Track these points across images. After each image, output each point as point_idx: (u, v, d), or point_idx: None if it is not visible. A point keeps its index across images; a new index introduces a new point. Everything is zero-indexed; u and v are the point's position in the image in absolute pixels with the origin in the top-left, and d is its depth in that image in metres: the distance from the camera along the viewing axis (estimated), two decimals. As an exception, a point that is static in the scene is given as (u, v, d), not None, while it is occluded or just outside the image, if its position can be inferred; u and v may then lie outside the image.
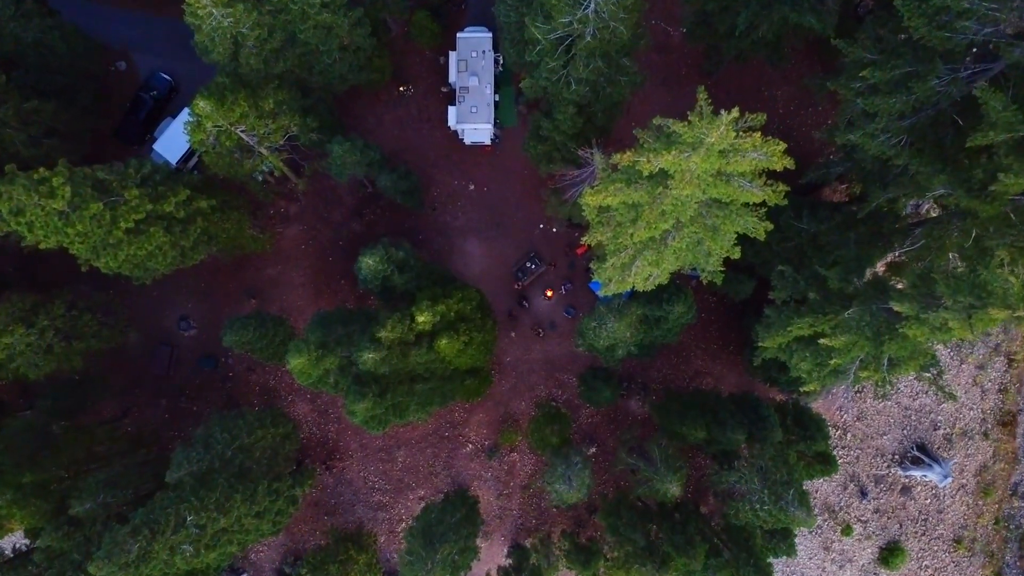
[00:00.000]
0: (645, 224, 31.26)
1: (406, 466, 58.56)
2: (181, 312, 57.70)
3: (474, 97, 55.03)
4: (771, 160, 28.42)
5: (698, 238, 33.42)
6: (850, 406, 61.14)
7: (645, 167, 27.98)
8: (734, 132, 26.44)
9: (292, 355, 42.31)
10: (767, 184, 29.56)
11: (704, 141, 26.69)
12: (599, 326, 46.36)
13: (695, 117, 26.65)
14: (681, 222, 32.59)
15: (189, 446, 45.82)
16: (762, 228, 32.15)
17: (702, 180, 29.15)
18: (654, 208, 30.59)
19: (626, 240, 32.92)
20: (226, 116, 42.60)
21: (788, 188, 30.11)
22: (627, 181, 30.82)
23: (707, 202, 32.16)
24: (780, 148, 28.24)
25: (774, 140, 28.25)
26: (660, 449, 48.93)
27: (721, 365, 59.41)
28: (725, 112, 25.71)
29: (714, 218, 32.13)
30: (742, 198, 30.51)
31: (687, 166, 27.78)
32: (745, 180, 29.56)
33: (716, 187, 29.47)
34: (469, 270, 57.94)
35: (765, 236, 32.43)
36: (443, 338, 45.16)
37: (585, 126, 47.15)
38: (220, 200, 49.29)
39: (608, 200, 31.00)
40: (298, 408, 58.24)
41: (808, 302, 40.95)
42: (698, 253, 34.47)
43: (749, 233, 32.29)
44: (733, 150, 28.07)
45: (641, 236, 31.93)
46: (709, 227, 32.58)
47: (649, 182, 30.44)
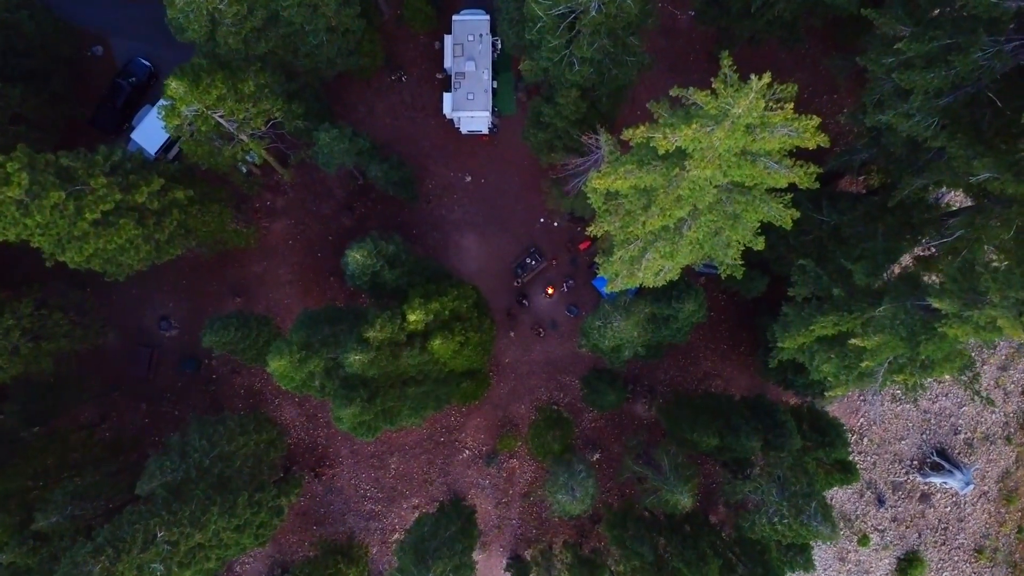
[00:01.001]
0: (659, 211, 27.64)
1: (399, 473, 54.94)
2: (162, 311, 54.08)
3: (471, 83, 51.42)
4: (803, 136, 24.82)
5: (716, 227, 29.80)
6: (867, 409, 57.53)
7: (661, 144, 24.36)
8: (764, 102, 22.82)
9: (272, 357, 38.70)
10: (797, 165, 25.92)
11: (729, 113, 23.08)
12: (604, 325, 42.75)
13: (720, 84, 23.03)
14: (698, 209, 28.97)
15: (164, 454, 42.21)
16: (788, 216, 28.53)
17: (724, 160, 25.53)
18: (669, 193, 26.98)
19: (637, 230, 29.31)
20: (201, 99, 38.96)
21: (820, 170, 26.49)
22: (639, 162, 27.21)
23: (727, 186, 28.55)
24: (813, 123, 24.64)
25: (806, 115, 24.65)
26: (669, 457, 45.30)
27: (731, 367, 55.79)
28: (755, 77, 22.08)
29: (735, 204, 28.51)
30: (768, 181, 26.88)
31: (709, 143, 24.17)
32: (772, 160, 25.94)
33: (740, 168, 25.84)
34: (465, 266, 54.33)
35: (791, 224, 28.80)
36: (437, 338, 41.61)
37: (589, 112, 43.55)
38: (199, 191, 45.70)
39: (617, 184, 27.38)
40: (285, 412, 54.62)
41: (832, 299, 37.38)
42: (716, 244, 30.85)
43: (774, 221, 28.68)
44: (760, 124, 24.46)
45: (654, 225, 28.32)
46: (729, 215, 28.96)
47: (664, 163, 26.83)
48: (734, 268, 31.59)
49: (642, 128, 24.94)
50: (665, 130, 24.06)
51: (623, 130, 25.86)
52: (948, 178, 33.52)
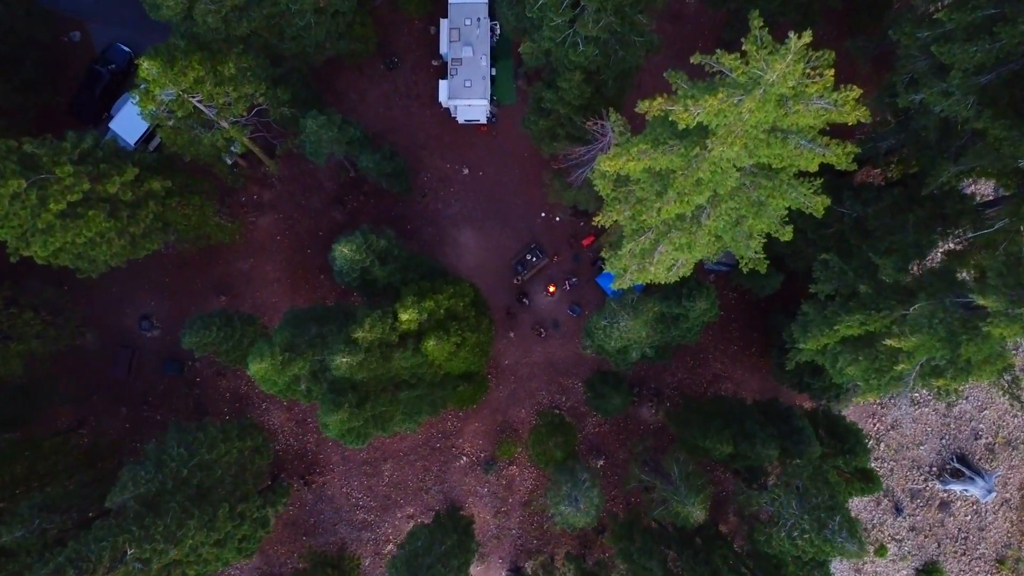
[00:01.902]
0: (675, 196, 24.43)
1: (393, 481, 51.71)
2: (143, 311, 50.84)
3: (468, 70, 48.23)
4: (842, 110, 21.63)
5: (738, 216, 26.59)
6: (883, 413, 54.36)
7: (681, 118, 21.16)
8: (803, 65, 19.62)
9: (253, 359, 35.51)
10: (834, 143, 22.71)
11: (761, 80, 19.88)
12: (610, 325, 39.57)
13: (751, 46, 19.81)
14: (719, 195, 25.77)
15: (138, 464, 38.98)
16: (819, 203, 25.33)
17: (751, 138, 22.34)
18: (688, 176, 23.78)
19: (650, 218, 26.10)
20: (177, 81, 35.75)
21: (858, 150, 23.30)
22: (654, 142, 24.01)
23: (750, 169, 25.36)
24: (854, 94, 21.45)
25: (847, 86, 21.47)
26: (679, 465, 42.08)
27: (742, 369, 52.59)
28: (793, 35, 18.87)
29: (760, 190, 25.31)
30: (798, 163, 23.68)
31: (736, 116, 20.97)
32: (804, 138, 22.75)
33: (769, 147, 22.64)
34: (463, 263, 51.13)
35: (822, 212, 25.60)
36: (431, 339, 38.43)
37: (593, 97, 40.34)
38: (178, 183, 42.47)
39: (629, 166, 24.19)
40: (273, 417, 51.41)
41: (858, 296, 34.20)
42: (737, 235, 27.64)
43: (804, 209, 25.48)
44: (794, 95, 21.27)
45: (669, 212, 25.12)
46: (753, 201, 25.76)
47: (683, 142, 23.64)
48: (756, 262, 28.38)
49: (659, 100, 21.73)
50: (686, 101, 20.86)
51: (637, 103, 22.66)
52: (989, 163, 30.33)
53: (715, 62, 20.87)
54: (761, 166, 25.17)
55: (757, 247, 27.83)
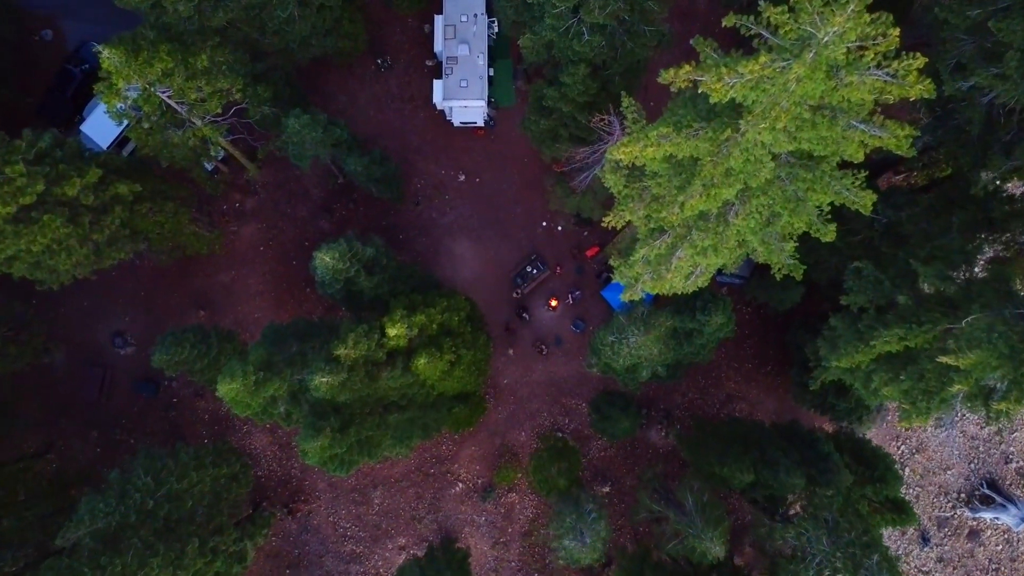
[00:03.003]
0: (701, 189, 20.67)
1: (384, 509, 47.54)
2: (116, 326, 46.94)
3: (464, 69, 44.72)
4: (904, 82, 17.93)
5: (770, 213, 22.84)
6: (908, 436, 50.31)
7: (714, 90, 17.46)
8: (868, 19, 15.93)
9: (223, 379, 31.59)
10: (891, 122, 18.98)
11: (813, 40, 16.19)
12: (618, 341, 35.71)
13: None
14: (750, 189, 22.04)
15: (97, 495, 34.91)
16: (867, 198, 21.59)
17: (794, 117, 18.63)
18: (718, 164, 20.04)
19: (670, 216, 22.33)
20: (143, 72, 32.15)
21: (918, 133, 19.59)
22: (676, 125, 20.30)
23: (787, 158, 21.63)
24: (918, 63, 17.77)
25: (910, 53, 17.80)
26: (693, 494, 38.05)
27: (758, 388, 48.60)
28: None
29: (798, 183, 21.56)
30: (846, 149, 19.96)
31: (780, 87, 17.26)
32: (855, 117, 19.05)
33: (814, 128, 18.91)
34: (458, 275, 47.32)
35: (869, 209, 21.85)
36: (422, 356, 34.57)
37: (599, 94, 36.77)
38: (150, 188, 38.80)
39: (648, 153, 20.45)
40: (255, 440, 47.36)
41: (897, 308, 30.40)
42: (768, 237, 23.86)
43: (850, 205, 21.72)
44: (847, 64, 17.58)
45: (693, 208, 21.35)
46: (789, 196, 22.00)
47: (711, 125, 19.94)
48: (792, 267, 24.56)
49: (687, 68, 18.02)
50: (720, 69, 17.15)
51: (659, 73, 18.96)
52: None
53: (753, 23, 17.18)
54: (800, 154, 21.44)
55: (791, 250, 24.04)
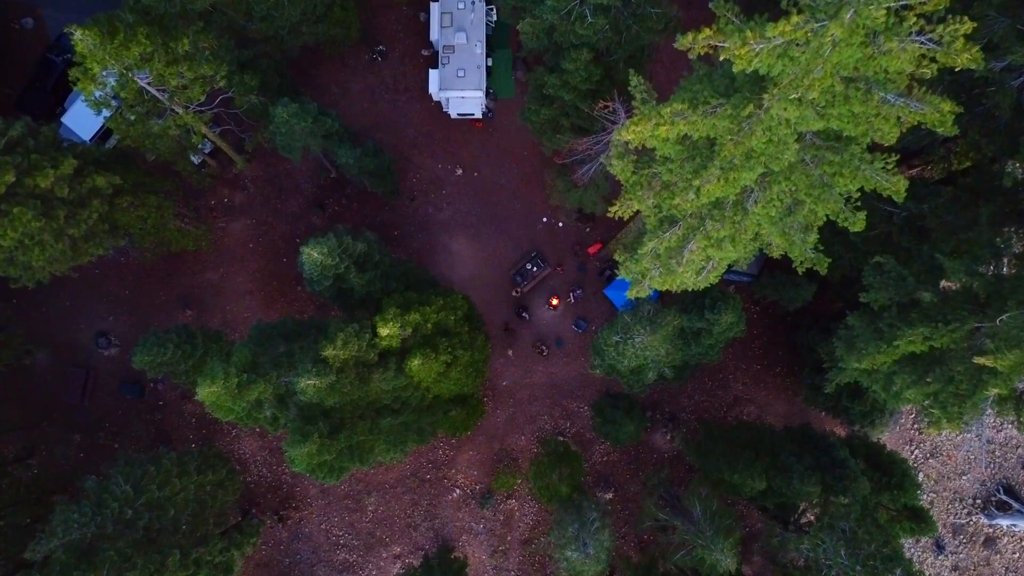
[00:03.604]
0: (719, 173, 18.59)
1: (378, 517, 45.43)
2: (100, 326, 44.83)
3: (461, 58, 42.64)
4: (950, 49, 15.87)
5: (793, 200, 20.74)
6: (921, 440, 48.21)
7: (739, 56, 15.36)
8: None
9: (202, 382, 29.51)
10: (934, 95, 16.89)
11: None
12: (623, 341, 33.61)
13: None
14: (771, 174, 19.95)
15: (72, 504, 32.80)
16: (900, 183, 19.50)
17: (825, 90, 16.56)
18: (738, 144, 17.96)
19: (684, 203, 20.23)
20: (119, 56, 30.08)
21: (960, 109, 17.51)
22: (692, 101, 18.21)
23: (812, 140, 19.54)
24: (965, 28, 15.71)
25: (956, 17, 15.73)
26: (701, 502, 35.95)
27: (766, 390, 46.50)
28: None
29: (825, 166, 19.47)
30: (880, 127, 17.88)
31: (813, 53, 15.18)
32: (893, 91, 16.96)
33: (848, 102, 16.82)
34: (455, 273, 45.24)
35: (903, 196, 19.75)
36: (416, 357, 32.50)
37: (602, 81, 34.70)
38: (132, 180, 36.74)
39: (660, 132, 18.36)
40: (244, 445, 45.24)
41: (921, 306, 28.32)
42: (789, 227, 21.77)
43: (882, 191, 19.64)
44: (886, 28, 15.51)
45: (710, 194, 19.27)
46: (815, 182, 19.91)
47: (731, 100, 17.86)
48: (815, 260, 22.45)
49: (707, 32, 15.92)
50: (746, 33, 15.07)
51: (677, 38, 16.87)
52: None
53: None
54: (827, 135, 19.36)
55: (814, 241, 21.94)
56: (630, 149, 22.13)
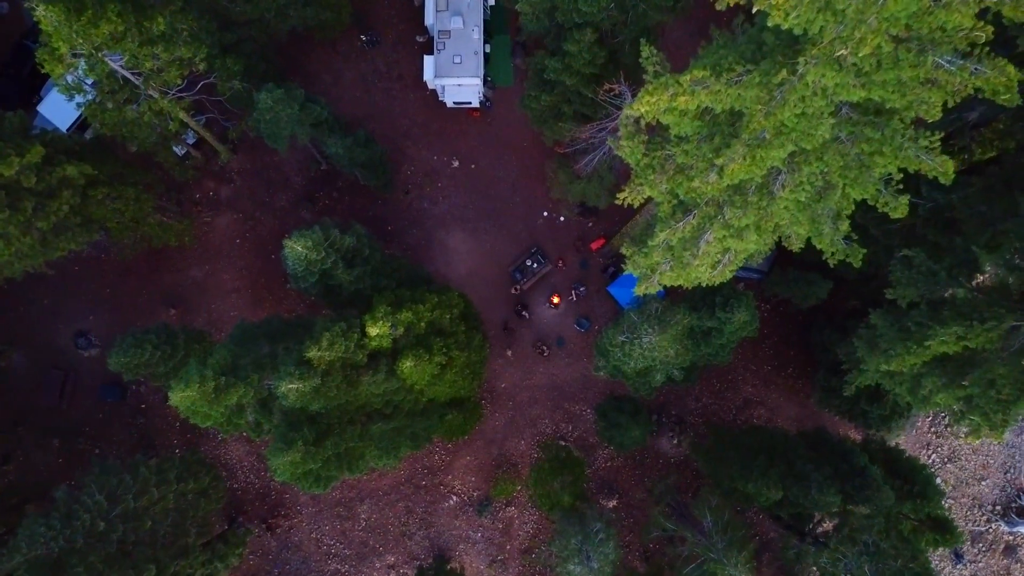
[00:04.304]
0: (745, 151, 16.20)
1: (371, 525, 43.03)
2: (79, 326, 42.44)
3: (457, 43, 40.23)
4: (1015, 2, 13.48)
5: (825, 183, 18.34)
6: (939, 444, 45.81)
7: (775, 6, 12.99)
8: None
9: (176, 386, 27.15)
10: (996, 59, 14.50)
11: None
12: (630, 341, 31.22)
13: None
14: (802, 153, 17.54)
15: (40, 517, 30.41)
16: (947, 164, 17.11)
17: (871, 51, 14.16)
18: (770, 114, 15.57)
19: (703, 187, 17.84)
20: (86, 34, 27.70)
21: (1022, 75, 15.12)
22: (715, 68, 15.83)
23: (848, 113, 17.13)
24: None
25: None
26: (712, 512, 33.60)
27: (777, 392, 44.09)
28: None
29: (862, 144, 17.06)
30: (928, 98, 15.48)
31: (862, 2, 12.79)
32: (950, 52, 14.58)
33: (897, 67, 14.43)
34: (452, 270, 42.85)
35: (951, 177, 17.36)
36: (408, 359, 30.09)
37: (606, 65, 32.35)
38: (107, 171, 34.39)
39: (679, 103, 15.96)
40: (231, 450, 42.84)
41: (954, 302, 25.95)
42: (818, 214, 19.36)
43: (928, 172, 17.22)
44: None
45: (734, 175, 16.87)
46: (850, 162, 17.51)
47: (760, 67, 15.48)
48: (849, 252, 20.03)
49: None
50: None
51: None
52: None
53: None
54: (865, 109, 16.95)
55: (847, 230, 19.54)
56: (641, 128, 19.74)
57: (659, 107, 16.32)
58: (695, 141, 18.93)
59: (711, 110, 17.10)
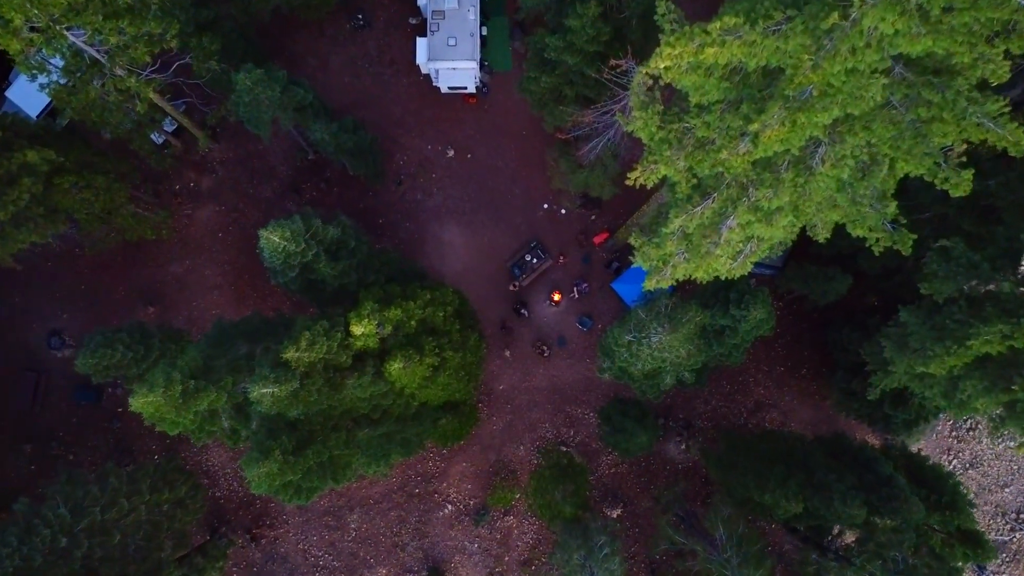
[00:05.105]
0: (784, 114, 13.50)
1: (362, 535, 40.33)
2: (52, 325, 39.77)
3: (452, 25, 37.55)
4: None
5: (870, 157, 15.64)
6: (960, 449, 43.13)
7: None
8: None
9: (138, 390, 24.44)
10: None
11: None
12: (637, 341, 28.49)
13: None
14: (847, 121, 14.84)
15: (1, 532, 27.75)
16: (1018, 132, 14.41)
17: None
18: (818, 67, 12.87)
19: (732, 158, 15.14)
20: (41, 3, 25.03)
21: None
22: (749, 15, 13.13)
23: (901, 73, 14.43)
24: None
25: None
26: (725, 524, 30.90)
27: (791, 395, 41.36)
28: None
29: (919, 108, 14.36)
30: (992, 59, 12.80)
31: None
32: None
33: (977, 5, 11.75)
34: (447, 266, 40.15)
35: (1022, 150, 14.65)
36: (396, 360, 27.38)
37: (612, 42, 29.63)
38: (75, 159, 31.72)
39: (706, 55, 13.24)
40: (213, 456, 40.15)
41: (998, 298, 23.26)
42: (860, 195, 16.65)
43: (996, 142, 14.52)
44: None
45: (769, 142, 14.18)
46: (904, 131, 14.81)
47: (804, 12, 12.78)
48: (897, 238, 17.31)
49: None
50: None
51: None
52: None
53: None
54: (923, 66, 14.25)
55: (894, 212, 16.82)
56: (656, 97, 17.04)
57: (682, 62, 13.61)
58: (718, 112, 16.24)
59: (741, 69, 14.40)
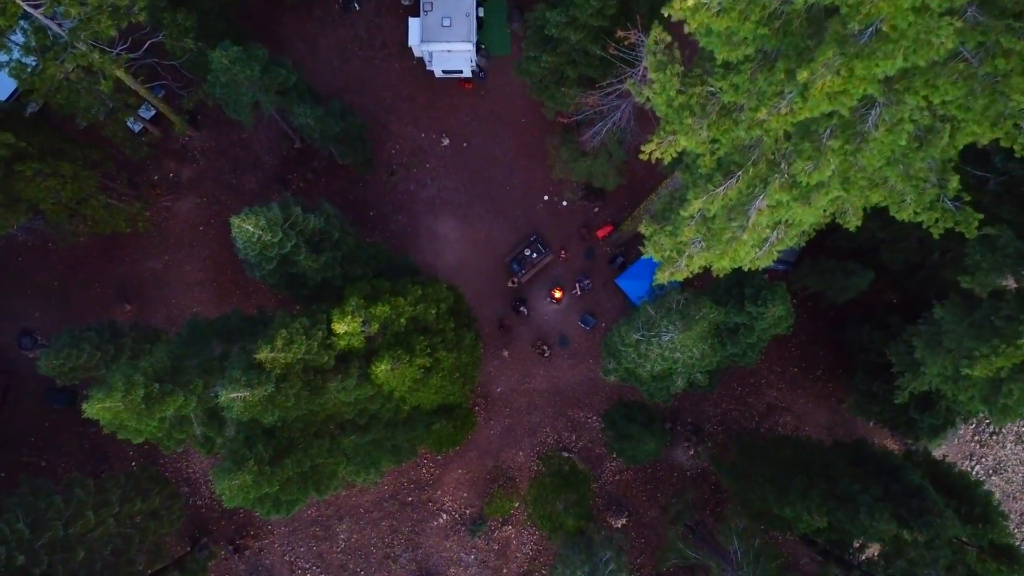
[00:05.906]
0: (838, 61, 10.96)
1: (351, 546, 37.79)
2: (23, 323, 37.25)
3: (447, 4, 35.00)
4: None
5: (932, 120, 13.09)
6: (983, 454, 40.58)
7: None
8: None
9: (94, 394, 21.89)
10: None
11: None
12: (646, 340, 25.94)
13: None
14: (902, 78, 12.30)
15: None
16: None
17: None
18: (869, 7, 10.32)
19: (773, 118, 12.59)
20: (-11, -31, 22.56)
21: None
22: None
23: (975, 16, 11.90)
24: None
25: None
26: (740, 537, 28.38)
27: (805, 397, 38.80)
28: None
29: (997, 59, 11.83)
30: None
31: None
32: None
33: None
34: (442, 260, 37.61)
35: None
36: (383, 361, 24.86)
37: (618, 17, 27.12)
38: (39, 144, 29.21)
39: None
40: (193, 463, 37.60)
41: (1050, 293, 20.75)
42: (918, 165, 14.10)
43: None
44: None
45: (818, 100, 11.64)
46: (976, 87, 12.27)
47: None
48: (960, 218, 14.71)
49: None
50: None
51: None
52: None
53: None
54: (1003, 8, 11.70)
55: (956, 188, 14.26)
56: (674, 56, 14.51)
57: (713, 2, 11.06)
58: (748, 72, 13.70)
59: (782, 13, 11.85)
